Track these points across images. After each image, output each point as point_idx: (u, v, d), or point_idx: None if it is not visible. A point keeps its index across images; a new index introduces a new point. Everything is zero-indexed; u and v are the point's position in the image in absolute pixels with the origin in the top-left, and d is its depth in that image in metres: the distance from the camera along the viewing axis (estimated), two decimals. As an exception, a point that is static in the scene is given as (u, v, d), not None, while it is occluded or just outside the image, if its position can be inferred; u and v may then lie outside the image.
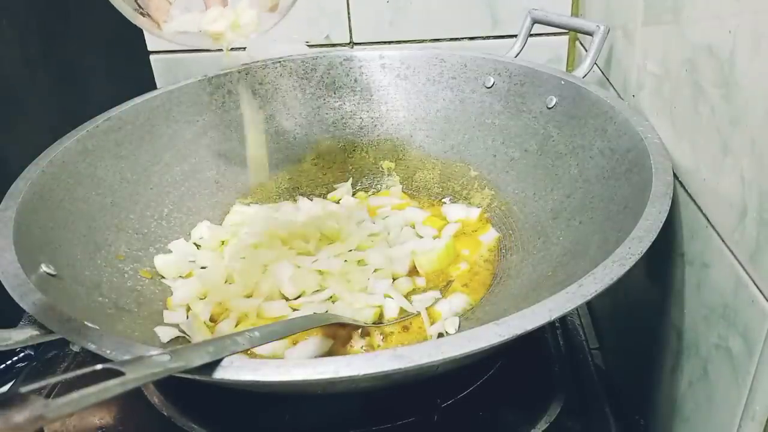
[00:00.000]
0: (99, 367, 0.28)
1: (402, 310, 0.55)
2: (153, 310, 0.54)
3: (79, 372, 0.28)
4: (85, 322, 0.38)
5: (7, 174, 0.52)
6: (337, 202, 0.70)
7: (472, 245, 0.62)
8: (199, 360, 0.32)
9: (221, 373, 0.33)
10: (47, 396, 0.25)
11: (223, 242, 0.63)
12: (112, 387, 0.27)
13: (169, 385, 0.50)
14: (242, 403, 0.48)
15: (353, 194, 0.72)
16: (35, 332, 0.37)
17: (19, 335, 0.37)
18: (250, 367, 0.33)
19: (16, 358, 0.60)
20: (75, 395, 0.26)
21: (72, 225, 0.53)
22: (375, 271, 0.58)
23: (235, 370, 0.33)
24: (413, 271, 0.59)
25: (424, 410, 0.47)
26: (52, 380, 0.28)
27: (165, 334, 0.51)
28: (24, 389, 0.24)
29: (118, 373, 0.28)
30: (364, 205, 0.69)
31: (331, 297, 0.56)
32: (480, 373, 0.49)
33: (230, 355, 0.34)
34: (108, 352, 0.34)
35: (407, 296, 0.56)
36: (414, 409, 0.47)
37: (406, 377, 0.38)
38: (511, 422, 0.48)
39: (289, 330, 0.44)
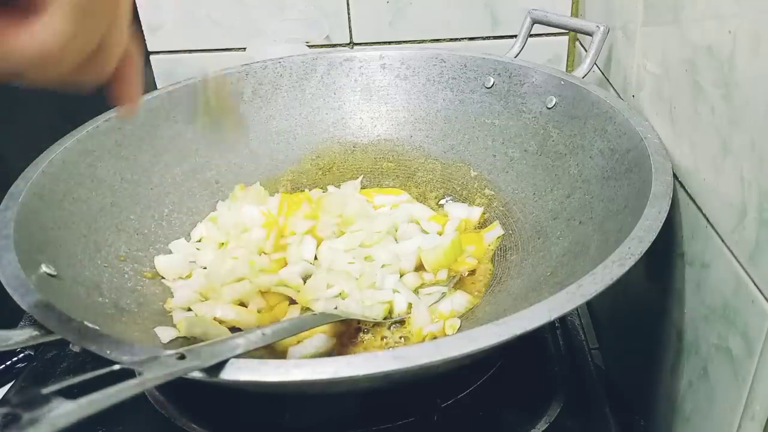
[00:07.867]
0: (116, 367, 0.29)
1: (410, 306, 0.55)
2: (153, 310, 0.54)
3: (97, 372, 0.28)
4: (85, 322, 0.38)
5: (7, 174, 0.52)
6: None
7: (476, 242, 0.62)
8: (213, 359, 0.33)
9: (221, 373, 0.33)
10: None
11: (222, 243, 0.63)
12: (131, 387, 0.28)
13: (169, 385, 0.50)
14: (242, 403, 0.48)
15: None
16: (35, 332, 0.37)
17: (19, 335, 0.37)
18: (250, 367, 0.33)
19: (16, 358, 0.60)
20: (96, 395, 0.26)
21: (72, 225, 0.53)
22: (382, 266, 0.58)
23: (235, 370, 0.33)
24: (420, 267, 0.59)
25: (424, 410, 0.47)
26: (73, 381, 0.28)
27: (165, 334, 0.51)
28: (46, 390, 0.25)
29: (133, 374, 0.28)
30: (369, 203, 0.68)
31: (340, 293, 0.56)
32: (480, 373, 0.49)
33: (244, 352, 0.34)
34: (108, 352, 0.34)
35: (415, 291, 0.56)
36: (414, 409, 0.47)
37: (405, 377, 0.38)
38: (511, 422, 0.48)
39: (299, 327, 0.45)
